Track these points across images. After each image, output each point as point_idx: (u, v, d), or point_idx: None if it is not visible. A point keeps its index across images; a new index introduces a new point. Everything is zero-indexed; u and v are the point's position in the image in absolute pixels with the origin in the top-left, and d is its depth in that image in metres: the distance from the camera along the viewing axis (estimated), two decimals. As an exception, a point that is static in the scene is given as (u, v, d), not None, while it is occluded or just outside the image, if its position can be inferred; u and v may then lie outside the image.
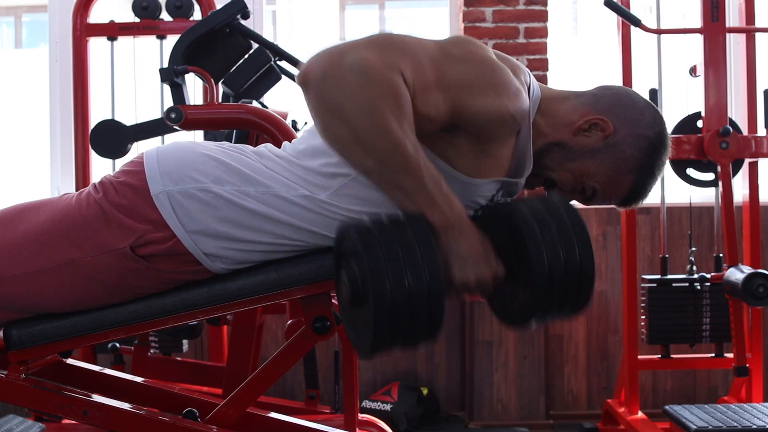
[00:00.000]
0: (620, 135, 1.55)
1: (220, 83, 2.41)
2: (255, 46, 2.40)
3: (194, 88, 3.25)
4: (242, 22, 2.34)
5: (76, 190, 1.72)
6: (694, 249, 3.32)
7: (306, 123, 2.88)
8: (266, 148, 1.60)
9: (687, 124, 3.27)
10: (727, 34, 3.24)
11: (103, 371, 1.84)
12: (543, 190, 1.66)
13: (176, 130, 2.69)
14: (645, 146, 1.56)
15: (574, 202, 1.64)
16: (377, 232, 1.33)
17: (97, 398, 1.62)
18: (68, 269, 1.50)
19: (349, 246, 1.37)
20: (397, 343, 1.36)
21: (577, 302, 1.40)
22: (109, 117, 3.15)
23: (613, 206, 1.65)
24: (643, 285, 3.27)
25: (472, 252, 1.34)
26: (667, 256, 3.31)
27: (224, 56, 2.37)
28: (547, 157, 1.57)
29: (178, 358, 3.03)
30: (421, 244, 1.31)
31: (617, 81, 3.27)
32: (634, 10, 3.23)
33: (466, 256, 1.34)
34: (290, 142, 1.80)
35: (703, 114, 3.22)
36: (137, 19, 3.20)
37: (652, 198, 3.59)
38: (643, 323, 3.26)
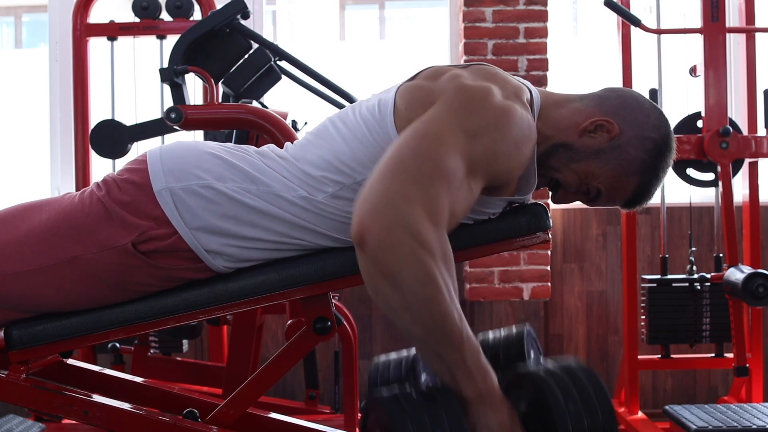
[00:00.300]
0: (625, 137, 1.56)
1: (220, 83, 2.41)
2: (255, 46, 2.40)
3: (194, 88, 3.25)
4: (242, 22, 2.34)
5: (77, 190, 1.73)
6: (694, 249, 3.32)
7: (306, 123, 2.88)
8: (269, 148, 1.62)
9: (687, 124, 3.27)
10: (727, 34, 3.24)
11: (103, 371, 1.85)
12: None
13: (176, 130, 2.69)
14: (650, 148, 1.56)
15: (577, 203, 1.66)
16: (406, 404, 1.33)
17: (97, 398, 1.62)
18: (70, 267, 1.51)
19: (378, 419, 1.38)
20: None
21: None
22: (109, 117, 3.15)
23: (616, 207, 1.66)
24: (643, 285, 3.27)
25: (500, 426, 1.35)
26: (667, 256, 3.31)
27: (224, 56, 2.37)
28: (553, 158, 1.57)
29: (178, 358, 3.03)
30: (451, 420, 1.32)
31: (617, 81, 3.27)
32: (634, 10, 3.23)
33: (495, 429, 1.35)
34: (290, 142, 1.81)
35: (703, 114, 3.22)
36: (137, 19, 3.21)
37: (653, 198, 3.58)
38: (643, 323, 3.26)
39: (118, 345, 2.98)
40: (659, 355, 3.31)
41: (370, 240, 1.29)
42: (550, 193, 1.64)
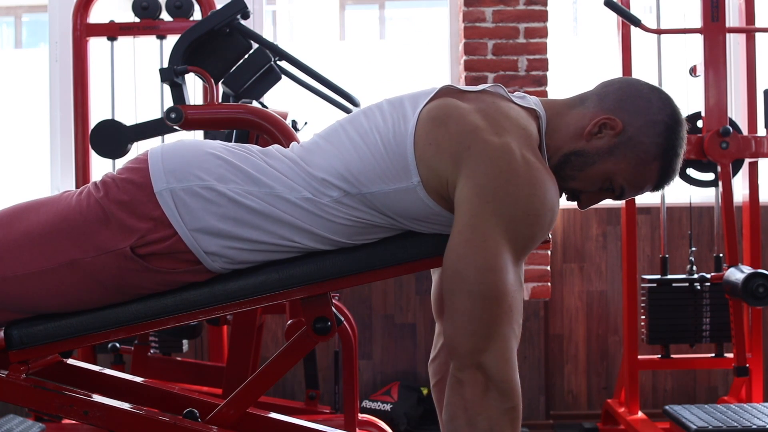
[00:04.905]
0: (634, 127, 1.56)
1: (220, 83, 2.41)
2: (255, 46, 2.40)
3: (194, 88, 3.25)
4: (242, 22, 2.34)
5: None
6: (694, 249, 3.32)
7: (306, 123, 2.88)
8: (274, 148, 1.61)
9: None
10: (727, 34, 3.24)
11: (103, 371, 1.84)
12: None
13: (176, 130, 2.69)
14: (662, 131, 1.56)
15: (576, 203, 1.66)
16: None
17: (97, 398, 1.62)
18: (69, 269, 1.50)
19: None
20: None
21: None
22: (109, 117, 3.15)
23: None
24: (643, 285, 3.27)
25: None
26: (667, 256, 3.31)
27: (224, 56, 2.37)
28: (567, 167, 1.58)
29: (178, 358, 3.03)
30: None
31: (617, 81, 3.26)
32: (634, 10, 3.23)
33: None
34: (290, 141, 1.80)
35: (703, 114, 3.22)
36: (137, 19, 3.21)
37: (652, 198, 3.59)
38: (643, 323, 3.26)
39: (118, 345, 2.98)
40: (659, 355, 3.31)
41: (467, 392, 1.44)
42: (576, 203, 1.65)
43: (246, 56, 2.39)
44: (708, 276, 3.21)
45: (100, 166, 3.17)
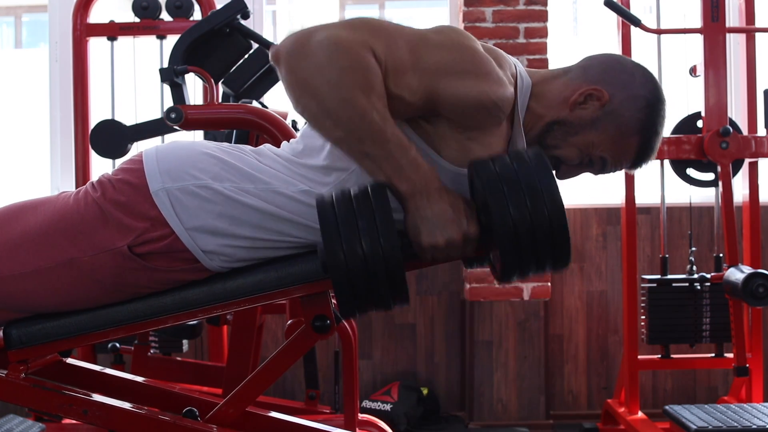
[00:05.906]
0: (617, 100, 1.57)
1: (220, 83, 2.41)
2: (255, 46, 2.40)
3: (194, 88, 3.25)
4: (242, 22, 2.34)
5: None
6: (694, 249, 3.32)
7: (306, 123, 2.88)
8: (266, 147, 1.62)
9: (687, 124, 3.27)
10: (727, 34, 3.24)
11: (103, 371, 1.84)
12: None
13: (176, 130, 2.69)
14: (643, 106, 1.57)
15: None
16: (339, 204, 1.40)
17: (97, 398, 1.62)
18: (67, 269, 1.50)
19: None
20: (366, 306, 1.43)
21: (555, 258, 1.41)
22: (109, 117, 3.15)
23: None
24: (643, 285, 3.27)
25: (440, 215, 1.38)
26: (667, 256, 3.31)
27: (224, 56, 2.37)
28: (549, 136, 1.58)
29: (178, 358, 3.03)
30: (379, 211, 1.37)
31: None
32: (634, 10, 3.23)
33: (434, 219, 1.38)
34: (289, 142, 1.80)
35: (703, 114, 3.22)
36: (137, 19, 3.21)
37: (652, 198, 3.58)
38: (643, 323, 3.26)
39: (118, 345, 2.98)
40: (659, 355, 3.31)
41: (283, 53, 1.33)
42: (554, 171, 1.64)
43: (246, 56, 2.40)
44: (708, 276, 3.21)
45: (100, 166, 3.17)
